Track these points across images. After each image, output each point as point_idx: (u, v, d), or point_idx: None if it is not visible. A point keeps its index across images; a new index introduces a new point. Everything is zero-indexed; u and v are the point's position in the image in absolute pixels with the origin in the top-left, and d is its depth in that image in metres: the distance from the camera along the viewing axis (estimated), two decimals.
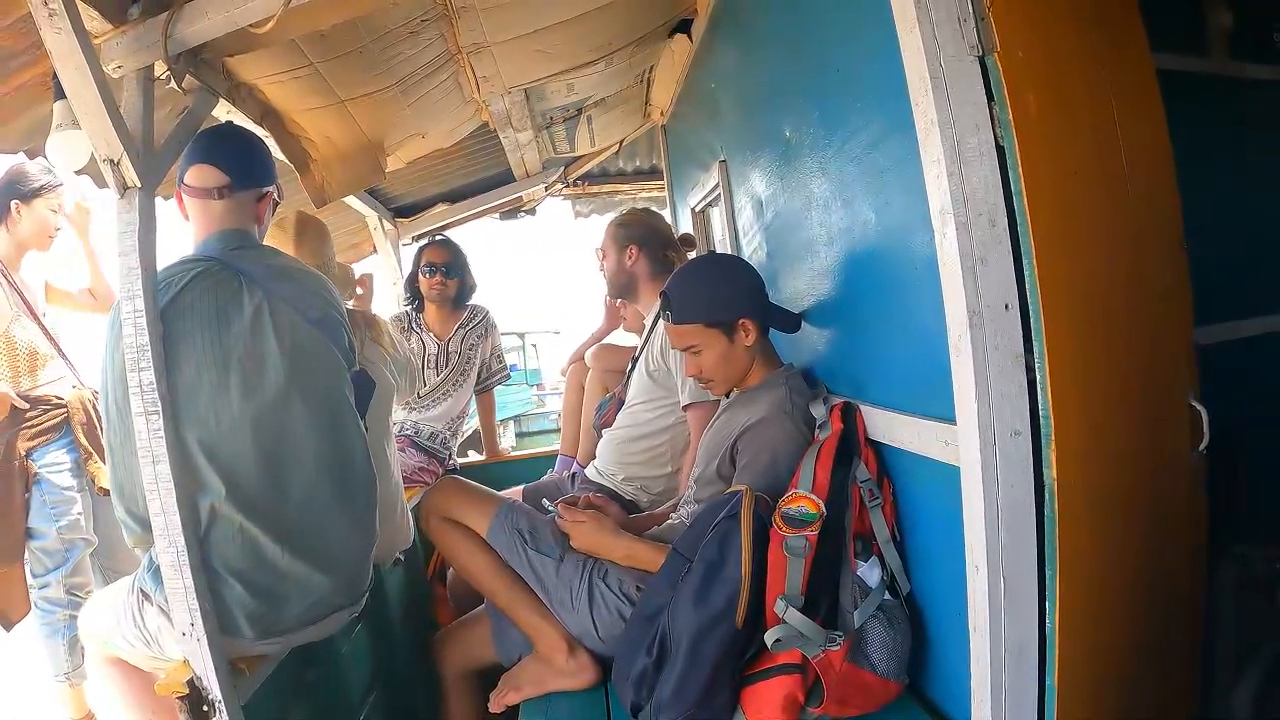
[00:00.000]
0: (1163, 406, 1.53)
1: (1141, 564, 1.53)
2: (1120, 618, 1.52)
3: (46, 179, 3.15)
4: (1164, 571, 1.56)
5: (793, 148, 2.39)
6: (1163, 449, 1.54)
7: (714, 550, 1.78)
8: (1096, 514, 1.45)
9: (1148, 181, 1.53)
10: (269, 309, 1.85)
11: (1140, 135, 1.51)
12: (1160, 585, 1.56)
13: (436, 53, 2.73)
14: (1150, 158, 1.53)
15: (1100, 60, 1.50)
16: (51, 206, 3.18)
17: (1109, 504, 1.47)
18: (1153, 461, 1.53)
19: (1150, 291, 1.53)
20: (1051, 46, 1.45)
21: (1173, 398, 1.54)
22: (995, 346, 1.40)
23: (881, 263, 1.89)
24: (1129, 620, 1.52)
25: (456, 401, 3.99)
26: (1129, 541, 1.51)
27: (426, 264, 3.91)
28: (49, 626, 3.15)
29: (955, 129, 1.41)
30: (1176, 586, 1.59)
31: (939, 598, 1.76)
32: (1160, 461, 1.54)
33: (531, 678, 2.18)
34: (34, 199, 3.11)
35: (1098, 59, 1.50)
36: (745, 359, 2.20)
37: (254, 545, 1.77)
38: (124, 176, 1.66)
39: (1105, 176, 1.48)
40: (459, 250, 4.00)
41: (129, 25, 1.70)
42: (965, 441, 1.45)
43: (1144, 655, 1.55)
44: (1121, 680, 1.54)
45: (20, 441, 3.05)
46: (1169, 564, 1.57)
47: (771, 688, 1.72)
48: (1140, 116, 1.53)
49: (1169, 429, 1.54)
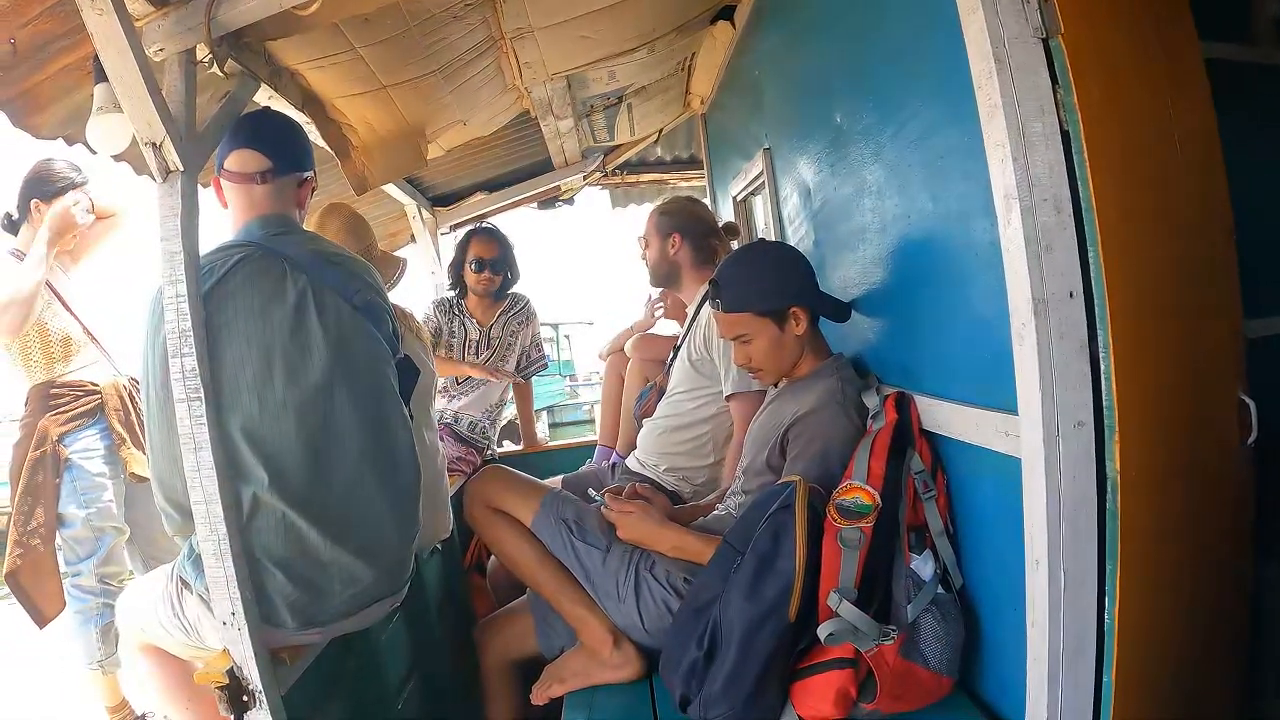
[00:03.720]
0: (1213, 399, 1.51)
1: (1198, 561, 1.51)
2: (1176, 615, 1.50)
3: (69, 178, 3.15)
4: (1218, 569, 1.54)
5: (844, 134, 2.34)
6: (1216, 442, 1.51)
7: (767, 542, 1.76)
8: (1156, 508, 1.43)
9: (1198, 169, 1.50)
10: (313, 295, 1.83)
11: (1190, 123, 1.49)
12: (1213, 583, 1.54)
13: (480, 38, 2.71)
14: (1200, 146, 1.50)
15: (1151, 46, 1.48)
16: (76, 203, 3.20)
17: (1168, 498, 1.45)
18: (1207, 455, 1.51)
19: (1201, 281, 1.51)
20: (1108, 31, 1.43)
21: (1222, 390, 1.51)
22: (1060, 335, 1.38)
23: (938, 250, 1.85)
24: (1185, 617, 1.50)
25: (494, 388, 4.00)
26: (1186, 537, 1.48)
27: (475, 259, 3.91)
28: (81, 615, 3.17)
29: (1019, 112, 1.39)
30: (1230, 584, 1.57)
31: (993, 592, 1.74)
32: (1213, 455, 1.51)
33: (576, 670, 2.16)
34: (55, 198, 3.11)
35: (1149, 45, 1.48)
36: (796, 348, 2.17)
37: (297, 534, 1.75)
38: (166, 160, 1.65)
39: (1160, 164, 1.46)
40: (506, 241, 3.99)
41: (171, 8, 1.69)
42: (1028, 432, 1.43)
43: (1198, 653, 1.53)
44: (1176, 678, 1.52)
45: (52, 426, 3.07)
46: (1222, 561, 1.55)
47: (823, 682, 1.71)
48: (1190, 104, 1.50)
49: (1219, 422, 1.51)
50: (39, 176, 3.13)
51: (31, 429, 3.07)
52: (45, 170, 3.14)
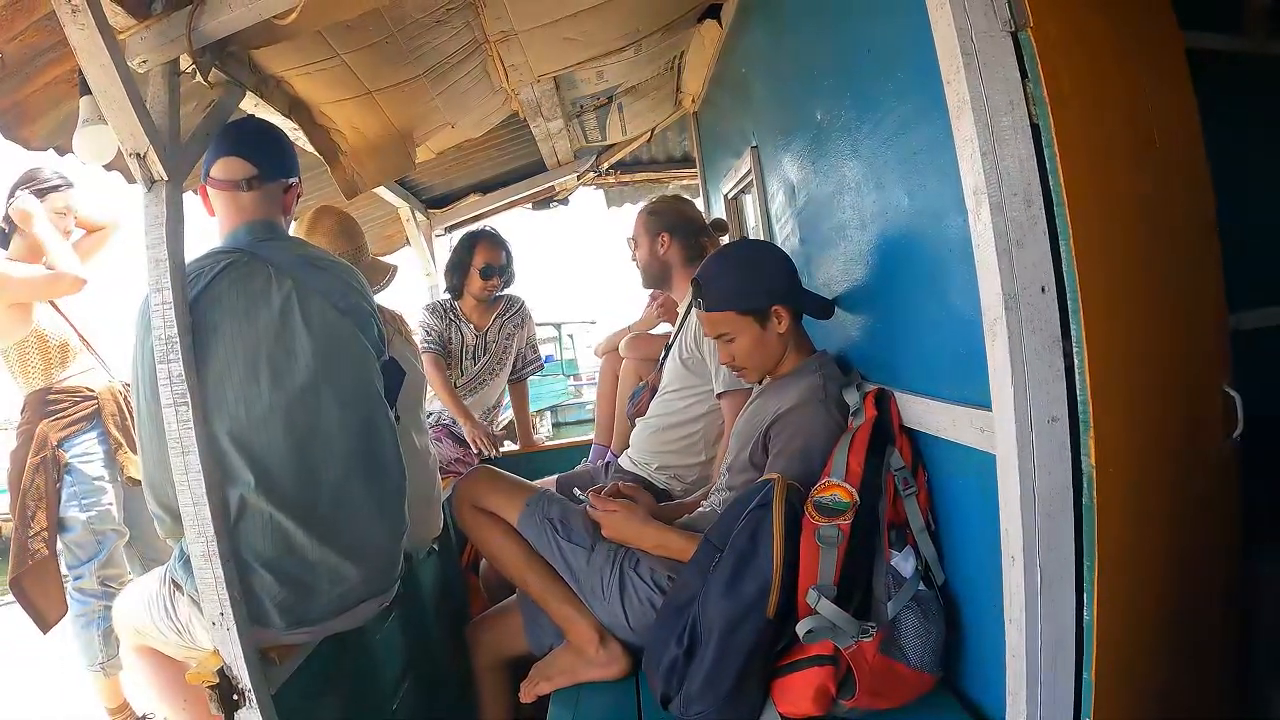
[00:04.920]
0: (1196, 392, 1.51)
1: (1178, 556, 1.50)
2: (1158, 610, 1.49)
3: (57, 180, 3.19)
4: (1200, 563, 1.54)
5: (824, 131, 2.35)
6: (1197, 436, 1.51)
7: (745, 539, 1.76)
8: (1134, 503, 1.42)
9: (1177, 161, 1.50)
10: (298, 299, 1.86)
11: (1170, 114, 1.49)
12: (1196, 578, 1.53)
13: (464, 41, 2.72)
14: (1180, 137, 1.50)
15: (1129, 37, 1.48)
16: (58, 208, 3.22)
17: (1146, 493, 1.44)
18: (1188, 448, 1.50)
19: (1183, 274, 1.50)
20: (1082, 22, 1.42)
21: (1206, 383, 1.51)
22: (1032, 330, 1.37)
23: (915, 247, 1.85)
24: (1166, 612, 1.50)
25: (492, 390, 4.02)
26: (1166, 532, 1.48)
27: (485, 266, 3.92)
28: (83, 617, 3.20)
29: (988, 107, 1.38)
30: (1212, 579, 1.56)
31: (974, 588, 1.73)
32: (1194, 449, 1.51)
33: (563, 668, 2.17)
34: (41, 200, 3.14)
35: (1127, 35, 1.47)
36: (778, 346, 2.17)
37: (284, 535, 1.77)
38: (151, 170, 1.67)
39: (1138, 156, 1.45)
40: (509, 246, 4.02)
41: (152, 19, 1.72)
42: (1001, 428, 1.43)
43: (1181, 648, 1.53)
44: (1159, 674, 1.52)
45: (51, 431, 3.10)
46: (1204, 555, 1.55)
47: (803, 679, 1.70)
48: (1170, 95, 1.50)
49: (1203, 415, 1.51)
50: (25, 179, 3.17)
51: (30, 434, 3.10)
52: (30, 174, 3.18)
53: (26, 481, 3.05)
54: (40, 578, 3.06)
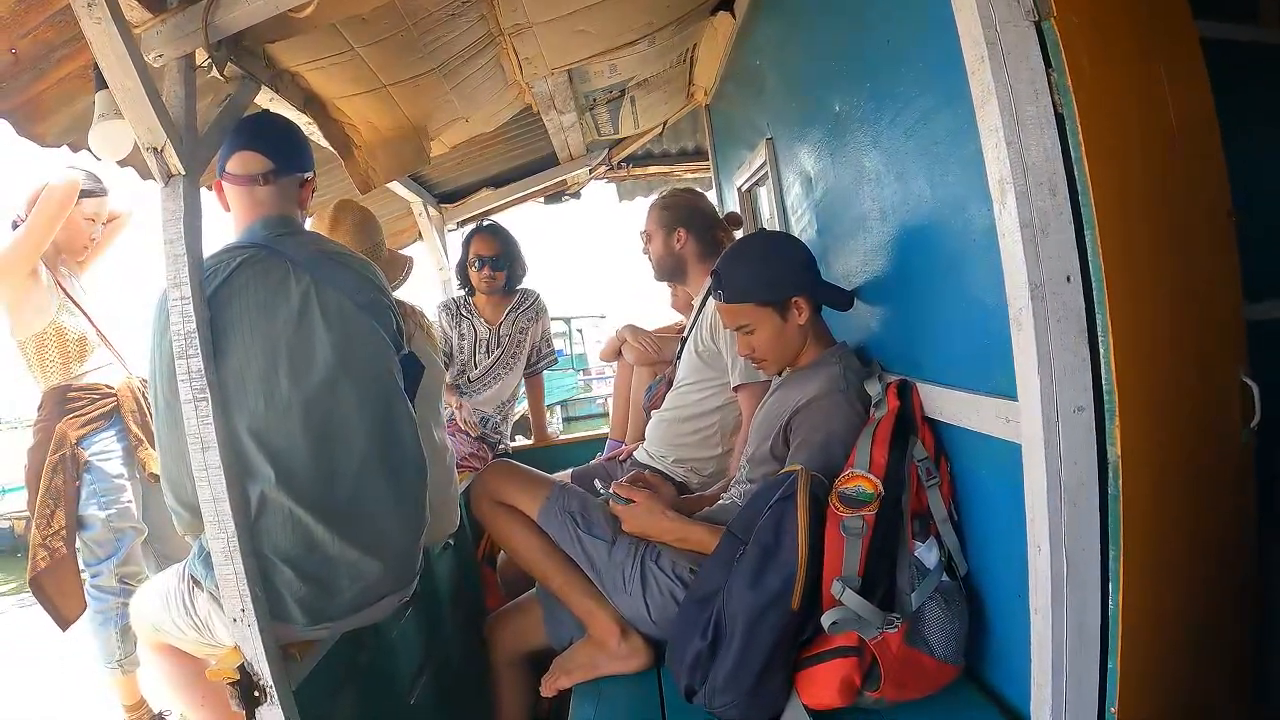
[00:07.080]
0: (1216, 382, 1.50)
1: (1200, 545, 1.50)
2: (1181, 599, 1.49)
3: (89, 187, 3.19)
4: (1220, 553, 1.53)
5: (843, 122, 2.33)
6: (1217, 425, 1.50)
7: (769, 532, 1.75)
8: (1158, 493, 1.42)
9: (1195, 150, 1.49)
10: (316, 294, 1.85)
11: (1186, 103, 1.47)
12: (1217, 567, 1.53)
13: (478, 35, 2.72)
14: (1197, 126, 1.49)
15: (1146, 26, 1.47)
16: (87, 214, 3.24)
17: (1169, 482, 1.44)
18: (1207, 438, 1.50)
19: (1202, 264, 1.49)
20: (1101, 12, 1.41)
21: (1224, 373, 1.50)
22: (1057, 319, 1.38)
23: (937, 237, 1.84)
24: (1189, 601, 1.50)
25: (506, 385, 4.01)
26: (1188, 521, 1.48)
27: (475, 257, 3.92)
28: (101, 615, 3.20)
29: (1013, 96, 1.38)
30: (1232, 568, 1.56)
31: (997, 579, 1.73)
32: (1215, 438, 1.50)
33: (583, 662, 2.17)
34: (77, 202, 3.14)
35: (1143, 25, 1.47)
36: (798, 338, 2.16)
37: (304, 531, 1.77)
38: (168, 164, 1.67)
39: (1157, 145, 1.45)
40: (508, 238, 4.00)
41: (168, 13, 1.71)
42: (1027, 418, 1.43)
43: (1203, 638, 1.53)
44: (1181, 662, 1.52)
45: (70, 429, 3.10)
46: (1224, 546, 1.54)
47: (828, 671, 1.70)
48: (1186, 84, 1.48)
49: (1221, 405, 1.50)
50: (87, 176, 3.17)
51: (49, 432, 3.10)
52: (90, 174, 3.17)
53: (45, 480, 3.05)
54: (59, 576, 3.06)
